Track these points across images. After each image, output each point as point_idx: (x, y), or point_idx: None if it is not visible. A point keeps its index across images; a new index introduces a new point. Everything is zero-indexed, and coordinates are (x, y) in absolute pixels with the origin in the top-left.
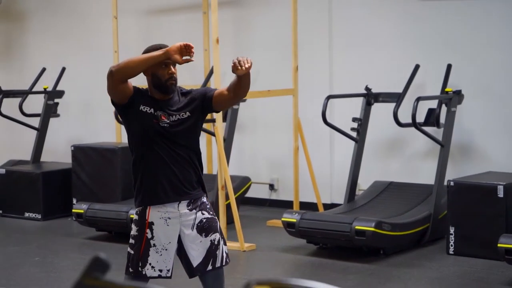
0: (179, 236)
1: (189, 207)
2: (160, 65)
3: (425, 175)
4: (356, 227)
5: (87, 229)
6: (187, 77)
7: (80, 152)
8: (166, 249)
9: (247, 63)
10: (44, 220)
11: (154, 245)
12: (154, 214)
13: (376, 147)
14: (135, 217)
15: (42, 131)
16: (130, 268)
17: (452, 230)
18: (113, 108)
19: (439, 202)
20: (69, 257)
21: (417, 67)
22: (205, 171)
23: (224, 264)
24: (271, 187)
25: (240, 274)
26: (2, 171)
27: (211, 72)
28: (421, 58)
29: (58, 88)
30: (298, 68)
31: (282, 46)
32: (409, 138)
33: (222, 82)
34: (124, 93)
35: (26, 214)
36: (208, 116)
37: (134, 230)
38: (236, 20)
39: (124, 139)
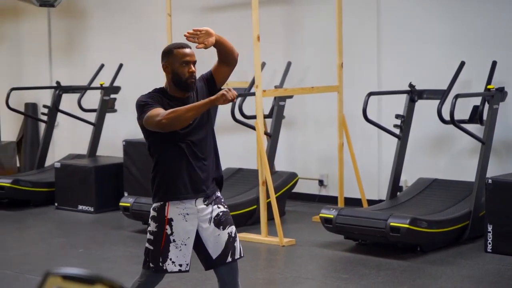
0: (197, 231)
1: (205, 202)
2: (181, 63)
3: (470, 172)
4: (391, 224)
5: (135, 222)
6: (235, 74)
7: (131, 147)
8: (185, 244)
9: (199, 33)
10: (96, 213)
11: (174, 240)
12: (173, 210)
13: (423, 144)
14: (153, 213)
15: (98, 126)
16: (150, 263)
17: (490, 228)
18: None
19: (479, 199)
20: (112, 249)
21: (462, 64)
22: (254, 166)
23: (242, 256)
24: (321, 183)
25: (275, 269)
26: (58, 165)
27: (261, 68)
28: (467, 55)
29: (116, 84)
30: (347, 65)
31: (331, 43)
32: (456, 135)
33: (271, 79)
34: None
35: (80, 207)
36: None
37: (153, 226)
38: (285, 17)
39: None
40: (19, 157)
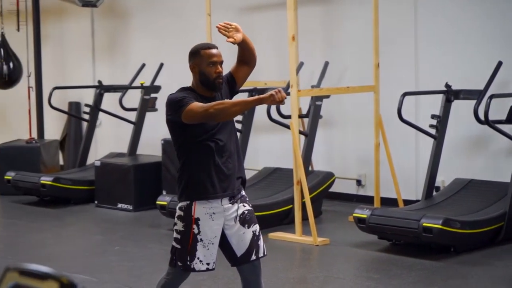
0: (222, 229)
1: (231, 201)
2: (208, 64)
3: (507, 173)
4: (424, 224)
5: (172, 220)
6: (275, 73)
7: (169, 145)
8: (212, 243)
9: (229, 26)
10: (135, 211)
11: (201, 240)
12: (200, 210)
13: (460, 144)
14: (179, 213)
15: (138, 125)
16: (178, 262)
17: None
18: None
19: None
20: (147, 247)
21: (499, 64)
22: (292, 165)
23: (265, 254)
24: (359, 182)
25: (307, 268)
26: (98, 163)
27: (299, 67)
28: (505, 55)
29: (156, 83)
30: (385, 65)
31: (369, 43)
32: (492, 135)
33: (309, 78)
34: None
35: (119, 205)
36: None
37: (179, 226)
38: (324, 17)
39: None
40: (63, 156)
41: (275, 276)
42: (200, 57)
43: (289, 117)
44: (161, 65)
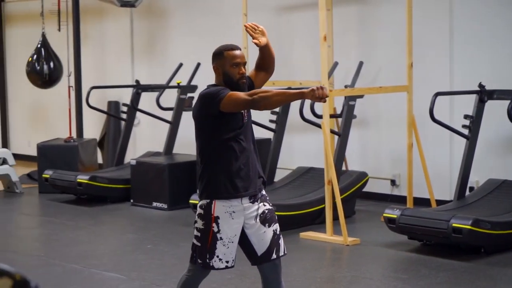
0: (242, 227)
1: (251, 200)
2: (231, 65)
3: None
4: (453, 225)
5: None
6: (310, 73)
7: None
8: (232, 242)
9: (256, 28)
10: (169, 210)
11: (221, 238)
12: (220, 208)
13: (494, 144)
14: (199, 211)
15: (174, 124)
16: (198, 259)
17: None
18: None
19: None
20: (179, 245)
21: None
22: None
23: (285, 253)
24: (393, 182)
25: (335, 268)
26: (133, 162)
27: (333, 67)
28: None
29: (193, 83)
30: (420, 65)
31: (404, 42)
32: None
33: (344, 78)
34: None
35: (154, 204)
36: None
37: (199, 224)
38: (360, 17)
39: None
40: (102, 154)
41: (303, 276)
42: (223, 58)
43: (332, 116)
44: (198, 64)
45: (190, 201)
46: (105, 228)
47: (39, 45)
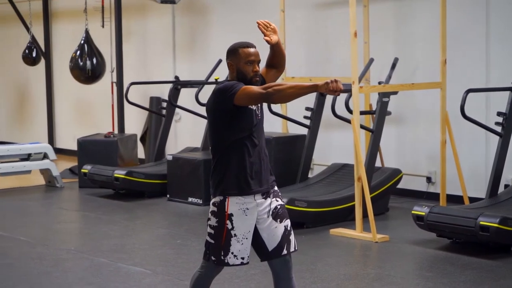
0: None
1: (264, 196)
2: (245, 62)
3: None
4: (481, 223)
5: None
6: (347, 70)
7: None
8: (246, 238)
9: (269, 25)
10: (204, 205)
11: (235, 235)
12: (233, 205)
13: None
14: (212, 208)
15: None
16: (212, 257)
17: None
18: None
19: None
20: None
21: None
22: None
23: (296, 249)
24: (429, 179)
25: (360, 265)
26: (170, 157)
27: (369, 63)
28: None
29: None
30: (455, 61)
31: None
32: None
33: (379, 74)
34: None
35: (190, 199)
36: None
37: (213, 221)
38: (396, 12)
39: (276, 128)
40: (144, 150)
41: (327, 272)
42: (238, 55)
43: (362, 113)
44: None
45: None
46: (139, 222)
47: (82, 41)
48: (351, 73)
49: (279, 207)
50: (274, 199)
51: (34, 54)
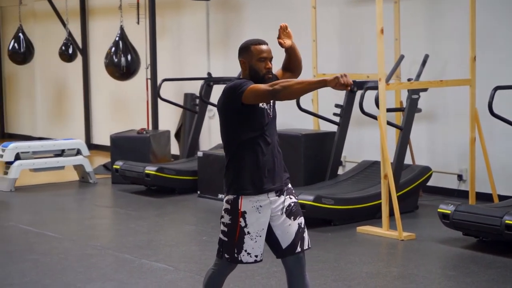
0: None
1: (277, 194)
2: (258, 59)
3: None
4: (506, 221)
5: None
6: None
7: None
8: (260, 236)
9: (286, 29)
10: None
11: (249, 232)
12: (246, 203)
13: None
14: (226, 206)
15: None
16: (225, 254)
17: None
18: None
19: None
20: None
21: None
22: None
23: (309, 247)
24: (460, 177)
25: (383, 263)
26: (200, 154)
27: (399, 60)
28: None
29: None
30: (486, 58)
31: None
32: None
33: (409, 71)
34: (266, 102)
35: (220, 196)
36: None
37: (226, 219)
38: (427, 9)
39: (308, 125)
40: (179, 146)
41: (349, 270)
42: (250, 52)
43: (390, 110)
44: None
45: None
46: (167, 219)
47: (117, 38)
48: (378, 70)
49: (292, 204)
50: (288, 196)
51: (70, 51)
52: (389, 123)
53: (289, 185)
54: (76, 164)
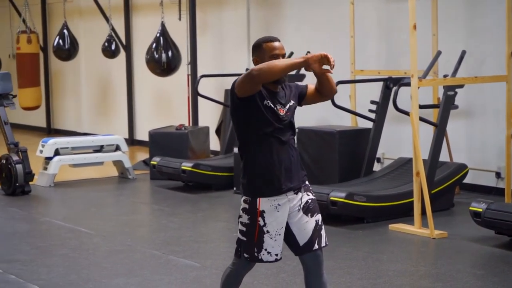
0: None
1: (295, 191)
2: (270, 57)
3: None
4: None
5: None
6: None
7: (303, 134)
8: (279, 234)
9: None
10: None
11: (268, 231)
12: (265, 202)
13: None
14: (244, 205)
15: None
16: (244, 254)
17: None
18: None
19: None
20: None
21: None
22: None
23: (327, 244)
24: (498, 175)
25: (411, 261)
26: (236, 150)
27: (436, 56)
28: None
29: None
30: None
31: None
32: None
33: (446, 67)
34: (255, 90)
35: None
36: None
37: (245, 218)
38: (465, 5)
39: (346, 122)
40: (220, 142)
41: (376, 268)
42: (262, 50)
43: (425, 107)
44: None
45: None
46: (200, 215)
47: (158, 34)
48: (410, 66)
49: (310, 201)
50: (305, 193)
51: (113, 47)
52: (423, 120)
53: (306, 182)
54: (115, 160)
